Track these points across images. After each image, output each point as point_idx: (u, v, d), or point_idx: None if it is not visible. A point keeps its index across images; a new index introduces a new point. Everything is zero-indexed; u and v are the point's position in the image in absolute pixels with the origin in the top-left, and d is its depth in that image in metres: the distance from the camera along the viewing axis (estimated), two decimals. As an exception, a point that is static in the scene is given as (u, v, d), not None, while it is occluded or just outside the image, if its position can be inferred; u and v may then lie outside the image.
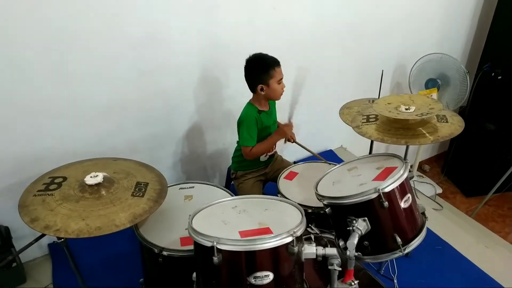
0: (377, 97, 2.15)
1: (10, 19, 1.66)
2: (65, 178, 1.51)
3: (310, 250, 1.19)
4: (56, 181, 1.49)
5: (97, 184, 1.42)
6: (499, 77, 2.96)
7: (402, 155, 1.59)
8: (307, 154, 2.07)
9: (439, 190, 3.37)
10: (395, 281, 1.90)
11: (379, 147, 3.22)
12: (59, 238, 1.35)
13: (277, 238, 1.08)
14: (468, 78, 2.72)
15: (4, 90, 1.76)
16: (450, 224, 2.50)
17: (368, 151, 2.39)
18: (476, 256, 2.14)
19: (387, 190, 1.28)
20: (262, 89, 1.88)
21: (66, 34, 1.80)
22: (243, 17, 2.25)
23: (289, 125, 2.00)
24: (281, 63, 1.87)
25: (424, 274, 1.99)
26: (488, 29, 3.13)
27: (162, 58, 2.09)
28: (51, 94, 1.88)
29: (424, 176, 3.56)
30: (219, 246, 1.06)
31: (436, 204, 2.85)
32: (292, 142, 2.03)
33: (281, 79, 1.89)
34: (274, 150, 2.13)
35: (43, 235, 1.32)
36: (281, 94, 1.92)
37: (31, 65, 1.78)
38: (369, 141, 2.24)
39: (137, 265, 1.69)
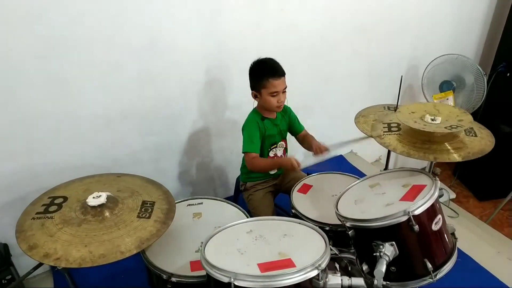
0: (395, 104, 2.03)
1: (4, 25, 1.55)
2: (65, 198, 1.41)
3: (335, 281, 1.09)
4: (56, 201, 1.40)
5: (100, 205, 1.33)
6: (515, 77, 2.85)
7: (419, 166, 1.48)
8: (315, 160, 1.95)
9: (453, 195, 3.25)
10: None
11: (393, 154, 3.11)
12: (59, 265, 1.26)
13: (301, 273, 0.97)
14: (485, 79, 2.61)
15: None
16: (468, 234, 2.39)
17: (382, 156, 2.29)
18: (499, 270, 2.02)
19: (417, 212, 1.17)
20: (256, 96, 1.78)
21: (64, 41, 1.68)
22: (249, 20, 2.13)
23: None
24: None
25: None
26: (503, 28, 3.01)
27: (166, 65, 1.98)
28: (48, 106, 1.77)
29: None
30: (237, 283, 0.95)
31: (452, 211, 2.74)
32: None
33: (276, 92, 1.69)
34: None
35: (41, 264, 1.22)
36: (277, 107, 1.75)
37: (26, 75, 1.67)
38: (379, 146, 2.11)
39: (142, 284, 1.60)
